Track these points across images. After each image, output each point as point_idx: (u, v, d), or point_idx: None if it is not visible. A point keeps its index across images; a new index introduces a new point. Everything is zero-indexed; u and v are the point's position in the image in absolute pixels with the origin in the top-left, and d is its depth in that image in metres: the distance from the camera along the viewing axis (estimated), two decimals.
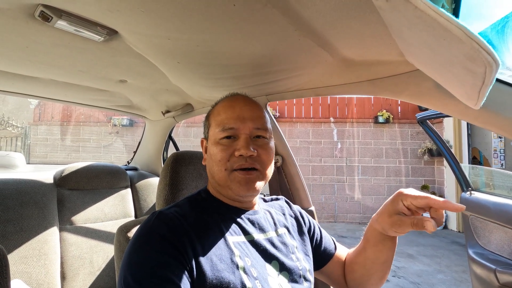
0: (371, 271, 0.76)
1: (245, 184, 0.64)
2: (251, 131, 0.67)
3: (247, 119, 0.68)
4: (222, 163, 0.65)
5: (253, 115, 0.69)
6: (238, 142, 0.66)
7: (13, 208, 1.18)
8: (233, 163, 0.65)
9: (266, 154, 0.68)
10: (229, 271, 0.57)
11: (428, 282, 3.02)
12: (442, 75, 0.49)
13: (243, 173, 0.65)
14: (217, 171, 0.67)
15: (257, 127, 0.68)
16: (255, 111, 0.70)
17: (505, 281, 1.27)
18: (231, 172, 0.65)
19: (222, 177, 0.66)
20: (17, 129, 7.71)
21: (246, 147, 0.64)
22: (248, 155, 0.64)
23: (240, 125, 0.67)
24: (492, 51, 0.29)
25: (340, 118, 6.08)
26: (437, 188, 5.65)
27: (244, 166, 0.65)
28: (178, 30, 0.66)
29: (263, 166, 0.67)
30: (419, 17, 0.33)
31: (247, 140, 0.66)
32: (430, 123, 1.76)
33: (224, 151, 0.66)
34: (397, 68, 0.71)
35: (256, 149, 0.66)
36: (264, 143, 0.69)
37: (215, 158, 0.67)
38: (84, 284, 1.29)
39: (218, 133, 0.68)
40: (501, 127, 0.60)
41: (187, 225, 0.61)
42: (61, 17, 0.66)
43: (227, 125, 0.67)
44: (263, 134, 0.69)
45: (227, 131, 0.67)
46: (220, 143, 0.67)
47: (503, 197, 1.48)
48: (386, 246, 0.71)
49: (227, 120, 0.67)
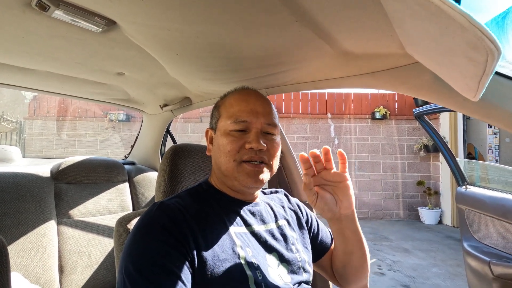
0: (344, 261, 0.78)
1: (253, 176, 0.65)
2: (262, 126, 0.69)
3: (260, 114, 0.69)
4: (231, 153, 0.66)
5: (265, 111, 0.70)
6: (249, 135, 0.67)
7: (10, 202, 1.17)
8: (243, 155, 0.66)
9: (273, 149, 0.69)
10: (230, 261, 0.58)
11: (423, 275, 3.07)
12: (443, 66, 0.49)
13: (252, 166, 0.66)
14: (224, 161, 0.67)
15: (269, 122, 0.70)
16: (267, 106, 0.72)
17: (499, 273, 1.29)
18: (240, 163, 0.66)
19: (229, 168, 0.66)
20: (11, 123, 7.63)
21: (257, 141, 0.65)
22: (259, 148, 0.65)
23: (253, 119, 0.68)
24: (495, 38, 0.29)
25: (338, 114, 6.10)
26: (433, 184, 5.71)
27: (254, 159, 0.66)
28: (177, 20, 0.65)
29: (270, 160, 0.68)
30: (422, 5, 0.33)
31: (258, 134, 0.67)
32: (427, 118, 1.77)
33: (235, 142, 0.66)
34: (397, 61, 0.72)
35: (265, 143, 0.67)
36: (273, 139, 0.70)
37: (224, 148, 0.67)
38: (82, 278, 1.29)
39: (230, 124, 0.68)
40: (499, 120, 0.60)
41: (189, 215, 0.61)
42: (58, 6, 0.64)
43: (240, 117, 0.68)
44: (272, 130, 0.71)
45: (240, 123, 0.67)
46: (231, 134, 0.68)
47: (498, 191, 1.50)
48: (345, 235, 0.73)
49: (240, 113, 0.68)
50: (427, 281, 2.94)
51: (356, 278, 0.79)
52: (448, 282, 2.93)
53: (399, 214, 5.76)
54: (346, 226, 0.71)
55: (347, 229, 0.72)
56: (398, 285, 2.85)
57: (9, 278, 0.55)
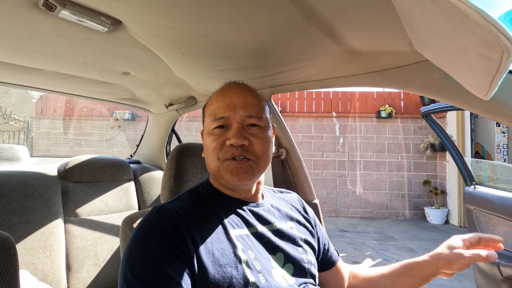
0: None
1: (236, 174, 0.63)
2: (242, 119, 0.65)
3: (238, 107, 0.65)
4: (214, 153, 0.65)
5: (244, 103, 0.66)
6: (230, 131, 0.64)
7: (18, 200, 1.18)
8: (225, 153, 0.64)
9: (259, 143, 0.65)
10: (231, 266, 0.57)
11: None
12: (454, 64, 0.48)
13: (235, 163, 0.63)
14: (211, 161, 0.66)
15: (249, 114, 0.65)
16: (248, 98, 0.68)
17: (508, 274, 1.27)
18: (223, 161, 0.64)
19: (215, 167, 0.66)
20: (19, 123, 7.73)
21: (236, 136, 0.62)
22: (239, 144, 0.62)
23: (231, 113, 0.65)
24: (511, 35, 0.28)
25: (343, 112, 6.06)
26: (439, 183, 5.64)
27: (235, 155, 0.63)
28: (183, 19, 0.65)
29: (256, 156, 0.65)
30: (435, 2, 0.32)
31: (239, 129, 0.64)
32: (435, 117, 1.74)
33: (216, 140, 0.65)
34: (405, 59, 0.70)
35: (249, 137, 0.64)
36: (258, 131, 0.66)
37: (209, 148, 0.66)
38: (89, 276, 1.31)
39: (210, 123, 0.67)
40: (510, 118, 0.59)
41: (188, 219, 0.60)
42: (65, 6, 0.65)
43: (218, 114, 0.66)
44: (256, 122, 0.66)
45: (218, 120, 0.66)
46: (212, 133, 0.66)
47: (507, 191, 1.47)
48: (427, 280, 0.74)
49: (218, 109, 0.66)
50: (433, 282, 2.89)
51: None
52: (454, 282, 2.89)
53: (405, 214, 5.71)
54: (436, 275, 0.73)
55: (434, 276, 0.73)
56: None
57: (18, 276, 0.55)
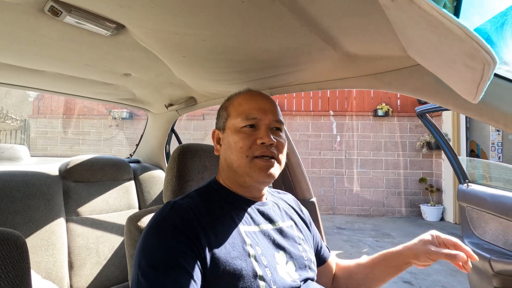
0: (371, 285, 0.84)
1: (265, 170, 0.68)
2: (271, 122, 0.72)
3: (268, 111, 0.72)
4: (243, 150, 0.68)
5: (272, 108, 0.74)
6: (260, 131, 0.70)
7: (20, 200, 1.20)
8: (255, 151, 0.68)
9: (282, 145, 0.73)
10: (241, 259, 0.60)
11: (424, 272, 3.09)
12: (443, 71, 0.51)
13: (264, 161, 0.68)
14: (237, 158, 0.69)
15: (276, 119, 0.73)
16: (273, 105, 0.76)
17: (499, 270, 1.32)
18: (252, 159, 0.68)
19: (242, 164, 0.69)
20: (16, 122, 7.69)
21: (268, 136, 0.68)
22: (270, 143, 0.68)
23: (262, 116, 0.71)
24: (490, 50, 0.31)
25: (340, 111, 6.10)
26: (435, 181, 5.71)
27: (266, 154, 0.68)
28: (186, 25, 0.67)
29: (280, 155, 0.72)
30: (423, 17, 0.35)
31: (268, 129, 0.70)
32: (429, 117, 1.78)
33: (246, 138, 0.69)
34: (399, 63, 0.73)
35: (274, 139, 0.70)
36: (280, 135, 0.74)
37: (236, 145, 0.69)
38: (91, 274, 1.33)
39: (240, 122, 0.71)
40: (498, 121, 0.62)
41: (200, 214, 0.63)
42: (70, 12, 0.66)
43: (251, 115, 0.71)
44: (279, 126, 0.74)
45: (250, 120, 0.70)
46: (242, 131, 0.70)
47: (500, 189, 1.51)
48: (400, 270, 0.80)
49: (250, 110, 0.71)
50: (428, 277, 2.96)
51: None
52: (449, 278, 2.95)
53: (401, 211, 5.78)
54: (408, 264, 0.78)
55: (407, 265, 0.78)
56: (400, 281, 2.88)
57: (30, 273, 0.57)
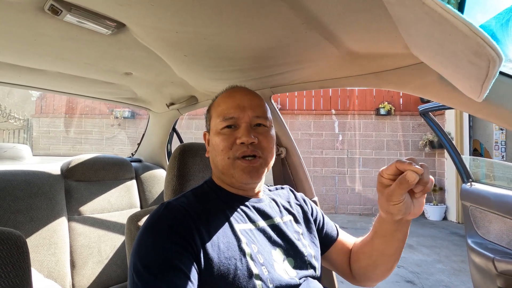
0: (377, 262, 0.75)
1: (248, 172, 0.67)
2: (251, 119, 0.70)
3: (247, 107, 0.70)
4: (224, 152, 0.68)
5: (252, 104, 0.71)
6: (239, 130, 0.68)
7: (22, 199, 1.21)
8: (236, 151, 0.67)
9: (266, 141, 0.70)
10: (236, 258, 0.60)
11: (427, 271, 3.08)
12: (447, 68, 0.50)
13: (247, 162, 0.67)
14: (220, 160, 0.69)
15: (257, 115, 0.70)
16: (254, 100, 0.73)
17: (503, 270, 1.30)
18: (234, 160, 0.67)
19: (225, 166, 0.68)
20: (19, 121, 7.73)
21: (247, 135, 0.66)
22: (249, 142, 0.67)
23: (240, 113, 0.69)
24: (496, 46, 0.30)
25: (342, 110, 6.07)
26: (438, 180, 5.68)
27: (246, 153, 0.67)
28: (186, 23, 0.67)
29: (264, 153, 0.69)
30: (426, 13, 0.34)
31: (248, 128, 0.68)
32: (432, 115, 1.77)
33: (226, 140, 0.68)
34: (402, 61, 0.72)
35: (256, 136, 0.68)
36: (264, 131, 0.71)
37: (218, 147, 0.69)
38: (93, 272, 1.33)
39: (219, 123, 0.70)
40: (502, 119, 0.61)
41: (194, 214, 0.63)
42: (70, 10, 0.66)
43: (228, 114, 0.69)
44: (263, 122, 0.71)
45: (228, 120, 0.69)
46: (221, 132, 0.69)
47: (503, 188, 1.50)
48: (395, 237, 0.69)
49: (227, 110, 0.70)
50: (431, 277, 2.95)
51: (382, 277, 0.77)
52: (452, 278, 2.93)
53: None
54: (401, 229, 0.68)
55: (400, 232, 0.68)
56: (402, 280, 2.87)
57: (31, 272, 0.57)
